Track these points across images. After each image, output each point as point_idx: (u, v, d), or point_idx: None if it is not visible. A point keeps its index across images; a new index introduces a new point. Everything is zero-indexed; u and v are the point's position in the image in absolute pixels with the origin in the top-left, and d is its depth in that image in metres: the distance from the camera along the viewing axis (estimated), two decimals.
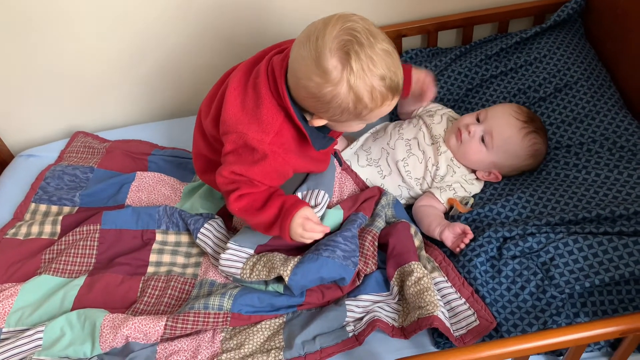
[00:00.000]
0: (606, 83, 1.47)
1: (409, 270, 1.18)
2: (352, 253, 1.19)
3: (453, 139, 1.34)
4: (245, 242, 1.24)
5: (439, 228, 1.25)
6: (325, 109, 1.03)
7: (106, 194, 1.46)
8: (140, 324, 1.16)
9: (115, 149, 1.57)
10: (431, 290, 1.14)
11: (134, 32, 1.55)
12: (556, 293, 1.12)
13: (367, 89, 0.99)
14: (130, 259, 1.32)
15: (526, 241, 1.17)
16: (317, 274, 1.15)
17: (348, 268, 1.17)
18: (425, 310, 1.11)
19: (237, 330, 1.19)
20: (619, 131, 1.35)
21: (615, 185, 1.25)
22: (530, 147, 1.30)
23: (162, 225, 1.36)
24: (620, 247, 1.12)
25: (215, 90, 1.24)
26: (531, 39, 1.58)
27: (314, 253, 1.17)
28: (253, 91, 1.11)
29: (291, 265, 1.16)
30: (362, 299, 1.20)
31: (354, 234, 1.22)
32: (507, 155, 1.31)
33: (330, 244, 1.18)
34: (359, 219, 1.26)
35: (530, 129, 1.30)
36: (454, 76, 1.58)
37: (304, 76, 1.01)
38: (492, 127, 1.31)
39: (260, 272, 1.19)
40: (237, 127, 1.10)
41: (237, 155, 1.11)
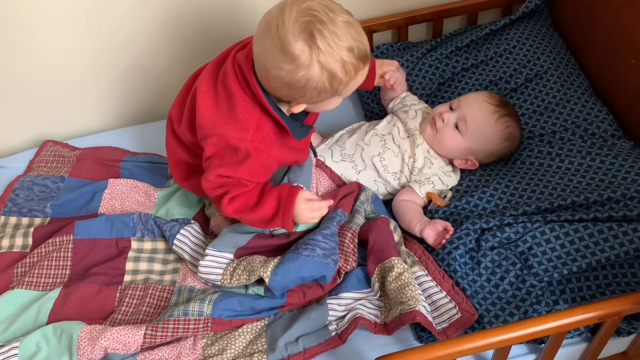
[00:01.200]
0: (575, 71, 1.49)
1: (389, 266, 1.17)
2: (331, 251, 1.18)
3: (428, 129, 1.35)
4: (223, 246, 1.22)
5: (420, 225, 1.25)
6: (302, 93, 1.02)
7: (78, 203, 1.42)
8: (118, 334, 1.13)
9: (86, 156, 1.54)
10: (412, 285, 1.13)
11: (99, 37, 1.52)
12: (535, 282, 1.13)
13: (339, 64, 0.98)
14: (106, 269, 1.30)
15: (504, 232, 1.18)
16: (297, 273, 1.14)
17: (329, 266, 1.16)
18: (407, 305, 1.10)
19: (219, 335, 1.17)
20: (590, 118, 1.36)
21: (588, 172, 1.26)
22: (503, 130, 1.32)
23: (137, 233, 1.34)
24: (595, 234, 1.13)
25: (183, 94, 1.22)
26: (500, 30, 1.59)
27: (293, 253, 1.16)
28: (224, 91, 1.09)
29: (271, 267, 1.14)
30: (343, 297, 1.19)
31: (334, 232, 1.21)
32: (481, 140, 1.32)
33: (310, 243, 1.17)
34: (337, 215, 1.25)
35: (503, 112, 1.32)
36: (425, 69, 1.58)
37: (273, 67, 0.99)
38: (465, 113, 1.32)
39: (240, 276, 1.17)
40: (215, 129, 1.09)
41: (221, 158, 1.10)
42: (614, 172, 1.24)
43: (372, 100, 1.61)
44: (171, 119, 1.24)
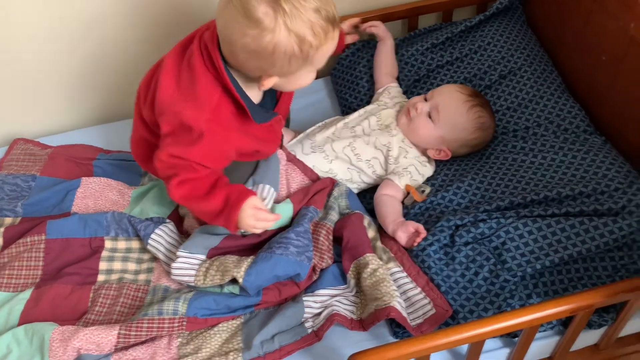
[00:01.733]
0: (548, 68, 1.50)
1: (364, 262, 1.18)
2: (305, 248, 1.17)
3: (403, 118, 1.38)
4: (195, 248, 1.21)
5: (392, 226, 1.26)
6: (271, 62, 0.99)
7: (50, 203, 1.40)
8: (91, 334, 1.12)
9: (58, 155, 1.51)
10: (387, 281, 1.14)
11: (67, 33, 1.49)
12: (509, 277, 1.14)
13: (306, 25, 0.96)
14: (79, 269, 1.28)
15: (478, 227, 1.18)
16: (271, 272, 1.13)
17: (303, 263, 1.16)
18: (382, 301, 1.11)
19: (194, 334, 1.16)
20: (562, 114, 1.38)
21: (560, 167, 1.28)
22: (475, 119, 1.33)
23: (111, 232, 1.32)
24: (567, 228, 1.15)
25: (152, 73, 1.18)
26: (475, 27, 1.60)
27: (266, 252, 1.15)
28: (188, 70, 1.06)
29: (244, 266, 1.14)
30: (319, 294, 1.19)
31: (306, 229, 1.21)
32: (453, 129, 1.34)
33: (283, 241, 1.17)
34: (309, 212, 1.25)
35: (475, 102, 1.34)
36: (401, 65, 1.58)
37: (238, 35, 0.97)
38: (437, 103, 1.34)
39: (214, 277, 1.16)
40: (172, 106, 1.05)
41: (174, 137, 1.06)
42: (585, 167, 1.26)
43: (351, 95, 1.61)
44: (139, 96, 1.20)
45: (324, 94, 1.69)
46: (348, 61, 1.66)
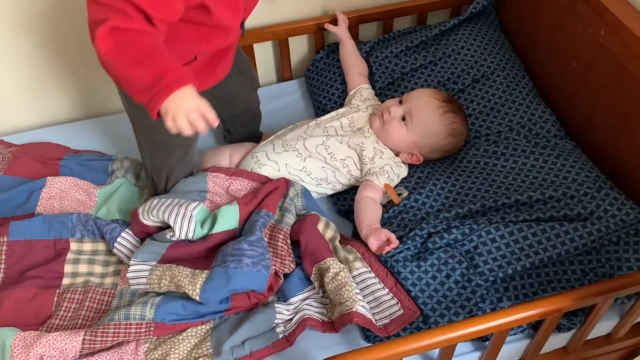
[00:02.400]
0: (520, 73, 1.52)
1: (325, 267, 1.16)
2: (260, 257, 1.15)
3: (377, 121, 1.37)
4: (145, 255, 1.18)
5: (365, 231, 1.25)
6: None
7: (14, 203, 1.35)
8: (55, 340, 1.08)
9: (23, 154, 1.46)
10: (349, 285, 1.12)
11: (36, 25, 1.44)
12: (481, 281, 1.14)
13: None
14: (42, 272, 1.24)
15: (451, 233, 1.18)
16: (226, 287, 1.11)
17: (260, 273, 1.13)
18: (345, 306, 1.10)
19: (162, 339, 1.14)
20: (534, 119, 1.39)
21: (531, 171, 1.29)
22: (448, 125, 1.33)
23: (76, 234, 1.28)
24: (538, 233, 1.16)
25: None
26: (449, 31, 1.61)
27: (220, 267, 1.12)
28: None
29: (199, 283, 1.11)
30: (291, 302, 1.18)
31: (259, 237, 1.18)
32: (426, 134, 1.34)
33: (236, 253, 1.14)
34: (261, 218, 1.21)
35: (448, 108, 1.34)
36: (375, 67, 1.58)
37: None
38: (411, 107, 1.34)
39: (168, 287, 1.14)
40: None
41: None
42: (555, 172, 1.27)
43: (325, 97, 1.60)
44: None
45: (297, 96, 1.68)
46: (322, 63, 1.65)
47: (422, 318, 1.14)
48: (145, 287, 1.17)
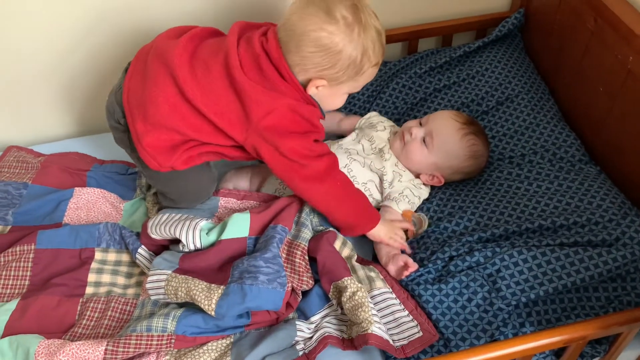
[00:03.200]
0: (545, 96, 1.52)
1: (342, 286, 1.16)
2: (276, 275, 1.15)
3: (397, 142, 1.38)
4: (162, 263, 1.20)
5: (385, 259, 1.26)
6: (333, 62, 1.09)
7: (42, 212, 1.38)
8: (78, 349, 1.09)
9: (52, 163, 1.49)
10: (365, 306, 1.12)
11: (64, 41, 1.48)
12: (503, 305, 1.14)
13: (371, 41, 1.09)
14: (67, 280, 1.25)
15: (473, 256, 1.18)
16: (242, 304, 1.11)
17: (276, 290, 1.13)
18: (361, 327, 1.10)
19: (182, 352, 1.14)
20: (558, 143, 1.39)
21: (555, 195, 1.28)
22: (469, 147, 1.33)
23: (102, 243, 1.30)
24: (562, 257, 1.15)
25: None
26: (474, 52, 1.62)
27: (236, 283, 1.13)
28: (263, 78, 1.11)
29: (215, 298, 1.12)
30: (312, 320, 1.18)
31: (275, 254, 1.18)
32: (447, 156, 1.34)
33: (252, 270, 1.14)
34: (277, 234, 1.21)
35: (469, 130, 1.34)
36: (399, 88, 1.59)
37: (314, 28, 1.06)
38: (432, 129, 1.35)
39: (184, 298, 1.15)
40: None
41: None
42: (580, 197, 1.26)
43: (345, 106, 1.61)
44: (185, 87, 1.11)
45: None
46: None
47: (443, 342, 1.14)
48: (163, 298, 1.18)
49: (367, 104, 1.60)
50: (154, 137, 1.14)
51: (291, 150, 1.13)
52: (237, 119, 1.12)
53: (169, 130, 1.13)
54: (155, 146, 1.15)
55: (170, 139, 1.14)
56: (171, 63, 1.12)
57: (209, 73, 1.12)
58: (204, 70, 1.12)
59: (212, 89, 1.11)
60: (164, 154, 1.16)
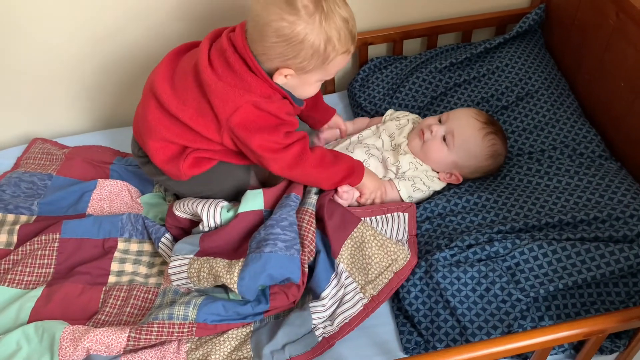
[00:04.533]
0: (565, 92, 1.51)
1: (358, 234, 1.19)
2: (293, 242, 1.17)
3: (416, 140, 1.37)
4: (184, 248, 1.22)
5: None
6: (296, 52, 1.07)
7: (66, 203, 1.41)
8: (102, 335, 1.12)
9: (76, 155, 1.52)
10: (389, 240, 1.19)
11: (90, 36, 1.51)
12: (521, 296, 1.14)
13: (336, 28, 1.07)
14: (90, 268, 1.28)
15: (492, 246, 1.18)
16: (264, 271, 1.12)
17: (293, 257, 1.15)
18: (398, 263, 1.17)
19: (203, 340, 1.16)
20: (578, 139, 1.39)
21: (575, 191, 1.28)
22: (489, 147, 1.33)
23: (125, 234, 1.33)
24: (582, 252, 1.15)
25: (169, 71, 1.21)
26: (494, 48, 1.62)
27: (255, 252, 1.14)
28: (231, 72, 1.12)
29: (236, 271, 1.13)
30: (323, 296, 1.17)
31: (291, 222, 1.19)
32: (467, 155, 1.34)
33: (270, 238, 1.15)
34: (292, 202, 1.23)
35: (490, 129, 1.34)
36: (419, 82, 1.60)
37: (275, 18, 1.05)
38: (453, 127, 1.34)
39: (207, 280, 1.16)
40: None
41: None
42: (600, 192, 1.26)
43: (366, 111, 1.62)
44: (163, 99, 1.18)
45: (339, 109, 1.70)
46: (366, 77, 1.67)
47: (459, 330, 1.14)
48: (186, 282, 1.19)
49: (387, 97, 1.61)
50: (156, 150, 1.21)
51: (260, 147, 1.14)
52: (210, 121, 1.15)
53: (162, 140, 1.19)
54: (162, 159, 1.21)
55: (167, 147, 1.20)
56: (153, 84, 1.19)
57: (185, 80, 1.17)
58: (181, 79, 1.17)
59: (186, 94, 1.16)
60: (170, 164, 1.21)
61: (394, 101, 1.60)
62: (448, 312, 1.15)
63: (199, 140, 1.18)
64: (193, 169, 1.22)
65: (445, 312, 1.15)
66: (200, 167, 1.23)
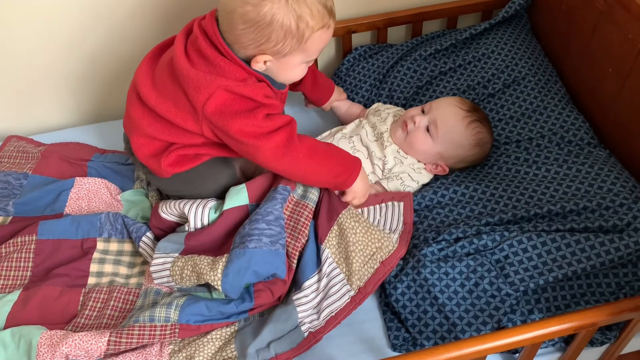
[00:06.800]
0: (552, 78, 1.48)
1: (343, 219, 1.17)
2: (278, 236, 1.14)
3: (399, 132, 1.34)
4: (168, 246, 1.18)
5: None
6: (267, 35, 1.03)
7: (43, 202, 1.36)
8: (81, 340, 1.09)
9: (52, 153, 1.47)
10: (374, 227, 1.17)
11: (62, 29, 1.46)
12: (511, 291, 1.12)
13: (306, 5, 1.02)
14: (69, 270, 1.24)
15: (481, 239, 1.16)
16: (248, 268, 1.09)
17: (278, 252, 1.12)
18: (383, 251, 1.15)
19: (186, 341, 1.13)
20: (566, 126, 1.36)
21: (564, 180, 1.26)
22: (474, 135, 1.31)
23: (104, 233, 1.29)
24: (572, 244, 1.13)
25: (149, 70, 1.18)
26: (479, 34, 1.59)
27: (239, 248, 1.11)
28: (203, 60, 1.08)
29: (220, 268, 1.09)
30: (306, 286, 1.15)
31: (277, 216, 1.16)
32: (452, 145, 1.31)
33: (255, 233, 1.12)
34: (279, 194, 1.19)
35: (474, 117, 1.31)
36: (404, 71, 1.56)
37: (239, 4, 1.01)
38: (436, 117, 1.32)
39: (190, 278, 1.13)
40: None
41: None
42: (589, 181, 1.24)
43: (353, 98, 1.58)
44: (145, 96, 1.15)
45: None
46: (350, 66, 1.64)
47: (447, 327, 1.12)
48: (168, 281, 1.16)
49: (374, 88, 1.57)
50: (140, 146, 1.19)
51: (240, 132, 1.08)
52: (188, 112, 1.11)
53: (145, 136, 1.18)
54: (145, 154, 1.19)
55: (150, 143, 1.18)
56: (136, 79, 1.17)
57: (163, 74, 1.14)
58: (160, 73, 1.15)
59: (165, 87, 1.13)
60: (152, 159, 1.19)
61: (381, 91, 1.56)
62: (435, 309, 1.13)
63: (181, 135, 1.15)
64: (174, 167, 1.19)
65: (433, 309, 1.13)
66: (181, 166, 1.20)
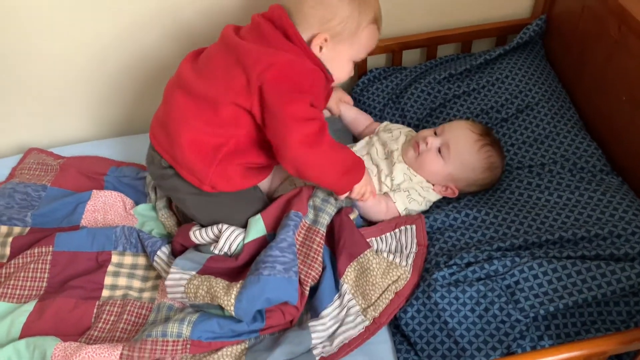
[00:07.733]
0: (566, 104, 1.49)
1: (364, 260, 1.18)
2: (291, 264, 1.15)
3: (410, 152, 1.35)
4: (187, 264, 1.20)
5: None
6: (334, 12, 1.13)
7: (60, 214, 1.39)
8: (94, 352, 1.10)
9: (70, 166, 1.51)
10: (394, 264, 1.19)
11: (86, 44, 1.50)
12: (521, 317, 1.12)
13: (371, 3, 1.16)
14: (84, 282, 1.26)
15: (492, 264, 1.17)
16: (262, 295, 1.11)
17: (291, 279, 1.14)
18: (398, 284, 1.16)
19: (197, 357, 1.14)
20: (579, 152, 1.37)
21: (576, 207, 1.26)
22: (485, 159, 1.32)
23: (119, 247, 1.31)
24: (583, 271, 1.13)
25: None
26: (494, 59, 1.60)
27: (254, 275, 1.13)
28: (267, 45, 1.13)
29: (234, 293, 1.12)
30: (324, 315, 1.16)
31: (290, 243, 1.18)
32: (463, 168, 1.32)
33: (268, 260, 1.14)
34: (291, 221, 1.21)
35: (486, 141, 1.32)
36: (417, 93, 1.58)
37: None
38: (448, 139, 1.32)
39: (204, 297, 1.15)
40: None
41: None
42: (601, 209, 1.24)
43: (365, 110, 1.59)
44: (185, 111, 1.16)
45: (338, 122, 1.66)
46: (364, 88, 1.66)
47: (456, 352, 1.12)
48: (182, 297, 1.18)
49: (387, 108, 1.59)
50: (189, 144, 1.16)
51: (283, 108, 1.09)
52: (240, 87, 1.11)
53: (192, 130, 1.15)
54: (193, 153, 1.16)
55: (199, 140, 1.15)
56: (178, 76, 1.20)
57: (209, 63, 1.18)
58: (205, 64, 1.18)
59: (214, 70, 1.15)
60: (199, 163, 1.17)
61: (394, 112, 1.58)
62: (445, 334, 1.13)
63: (226, 125, 1.14)
64: (221, 179, 1.18)
65: (442, 333, 1.14)
66: (228, 180, 1.20)
